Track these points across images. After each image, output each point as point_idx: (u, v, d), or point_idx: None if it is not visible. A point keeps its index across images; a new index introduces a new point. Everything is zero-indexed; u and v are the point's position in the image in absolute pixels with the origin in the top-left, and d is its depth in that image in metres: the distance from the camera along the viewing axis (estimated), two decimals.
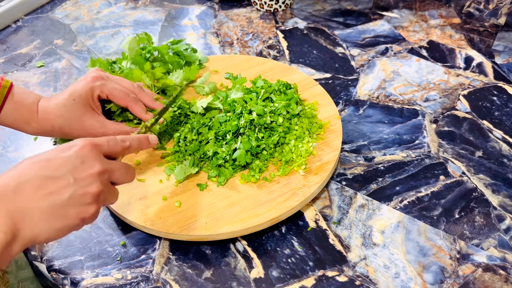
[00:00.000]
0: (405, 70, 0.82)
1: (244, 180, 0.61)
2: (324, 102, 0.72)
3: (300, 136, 0.65)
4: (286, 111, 0.66)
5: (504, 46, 0.86)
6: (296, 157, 0.63)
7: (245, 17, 0.97)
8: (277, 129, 0.64)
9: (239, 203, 0.59)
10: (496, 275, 0.54)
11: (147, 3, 1.04)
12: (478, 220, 0.59)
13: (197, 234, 0.56)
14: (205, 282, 0.55)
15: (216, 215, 0.58)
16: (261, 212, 0.58)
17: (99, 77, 0.62)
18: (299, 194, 0.59)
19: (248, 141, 0.62)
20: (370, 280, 0.54)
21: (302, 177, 0.61)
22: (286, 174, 0.62)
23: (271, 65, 0.80)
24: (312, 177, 0.61)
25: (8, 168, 0.69)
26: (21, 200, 0.40)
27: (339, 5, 0.99)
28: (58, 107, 0.59)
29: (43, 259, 0.58)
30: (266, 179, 0.61)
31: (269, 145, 0.63)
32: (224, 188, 0.61)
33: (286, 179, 0.61)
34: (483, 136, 0.70)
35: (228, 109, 0.68)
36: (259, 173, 0.62)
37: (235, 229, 0.56)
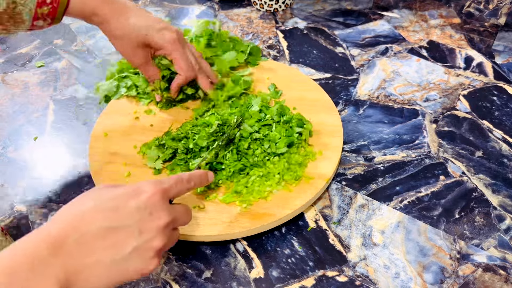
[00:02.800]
0: (405, 70, 0.82)
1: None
2: (329, 155, 0.64)
3: (267, 176, 0.60)
4: (269, 146, 0.62)
5: (504, 46, 0.86)
6: (245, 192, 0.59)
7: (245, 17, 0.97)
8: (249, 158, 0.60)
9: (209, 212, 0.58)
10: (496, 275, 0.54)
11: (147, 3, 1.04)
12: (478, 220, 0.59)
13: None
14: (205, 282, 0.55)
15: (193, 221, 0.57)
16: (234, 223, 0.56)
17: (176, 42, 0.66)
18: (219, 227, 0.56)
19: (213, 155, 0.60)
20: (370, 280, 0.54)
21: (237, 214, 0.57)
22: (227, 203, 0.58)
23: (317, 97, 0.74)
24: (244, 220, 0.56)
25: (8, 168, 0.69)
26: (83, 253, 0.36)
27: (339, 5, 0.99)
28: (129, 23, 0.63)
29: None
30: (207, 197, 0.59)
31: (230, 168, 0.60)
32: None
33: (223, 207, 0.58)
34: (483, 136, 0.70)
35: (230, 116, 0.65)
36: (204, 187, 0.59)
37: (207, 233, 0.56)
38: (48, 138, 0.74)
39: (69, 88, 0.83)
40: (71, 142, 0.73)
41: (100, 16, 0.62)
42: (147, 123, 0.71)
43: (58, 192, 0.66)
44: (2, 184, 0.67)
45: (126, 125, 0.71)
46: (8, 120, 0.77)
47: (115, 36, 0.64)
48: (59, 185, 0.66)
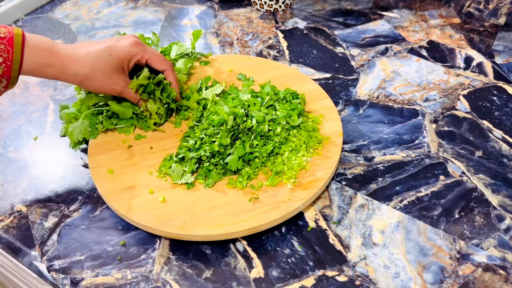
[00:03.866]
0: (405, 70, 0.82)
1: (231, 185, 0.61)
2: (330, 117, 0.70)
3: (296, 148, 0.64)
4: (286, 121, 0.65)
5: (504, 46, 0.86)
6: (287, 169, 0.62)
7: (245, 17, 0.97)
8: (273, 138, 0.63)
9: (221, 208, 0.59)
10: (496, 275, 0.54)
11: (147, 3, 1.04)
12: (478, 220, 0.59)
13: (172, 232, 0.56)
14: (205, 282, 0.55)
15: (196, 216, 0.58)
16: (240, 220, 0.57)
17: (139, 43, 0.66)
18: (282, 207, 0.58)
19: (242, 147, 0.61)
20: (370, 280, 0.54)
21: (289, 191, 0.60)
22: (274, 185, 0.61)
23: (287, 72, 0.78)
24: (299, 192, 0.60)
25: (8, 168, 0.69)
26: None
27: (339, 5, 0.99)
28: (89, 57, 0.61)
29: (43, 259, 0.58)
30: (253, 187, 0.61)
31: (262, 154, 0.62)
32: (210, 190, 0.61)
33: (273, 190, 0.60)
34: (483, 136, 0.70)
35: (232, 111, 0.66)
36: (247, 180, 0.61)
37: (210, 233, 0.56)
38: (48, 138, 0.74)
39: (69, 88, 0.83)
40: None
41: (56, 65, 0.60)
42: (145, 148, 0.67)
43: (58, 192, 0.66)
44: (2, 184, 0.67)
45: (124, 158, 0.66)
46: (8, 120, 0.77)
47: (83, 77, 0.62)
48: (59, 185, 0.66)
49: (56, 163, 0.70)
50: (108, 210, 0.63)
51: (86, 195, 0.65)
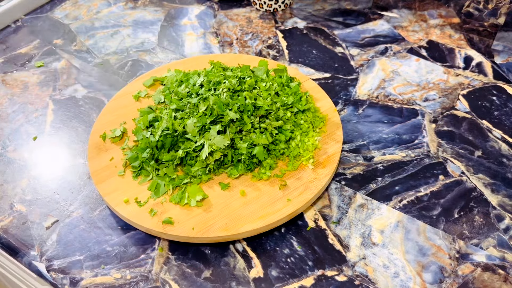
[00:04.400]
0: (405, 70, 0.82)
1: (255, 179, 0.62)
2: (319, 96, 0.73)
3: (306, 131, 0.66)
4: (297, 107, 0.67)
5: (504, 46, 0.86)
6: (303, 151, 0.64)
7: (244, 17, 0.97)
8: (286, 125, 0.65)
9: (255, 201, 0.59)
10: (495, 275, 0.54)
11: (146, 3, 1.04)
12: (478, 220, 0.59)
13: (218, 235, 0.56)
14: (204, 281, 0.55)
15: (235, 214, 0.58)
16: (279, 208, 0.58)
17: None
18: (312, 187, 0.60)
19: (265, 137, 0.62)
20: (369, 279, 0.54)
21: (311, 171, 0.62)
22: (296, 169, 0.63)
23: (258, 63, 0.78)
24: (321, 170, 0.62)
25: (8, 167, 0.69)
26: None
27: (339, 5, 0.99)
28: None
29: (42, 259, 0.58)
30: (277, 175, 0.62)
31: (281, 140, 0.64)
32: (240, 187, 0.61)
33: (296, 174, 0.62)
34: (483, 135, 0.70)
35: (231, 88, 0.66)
36: (270, 170, 0.62)
37: (256, 227, 0.56)
38: (48, 138, 0.74)
39: (69, 88, 0.83)
40: (71, 142, 0.73)
41: None
42: None
43: (57, 192, 0.66)
44: (1, 183, 0.67)
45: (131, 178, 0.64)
46: (8, 120, 0.77)
47: None
48: (58, 185, 0.66)
49: (55, 163, 0.70)
50: (107, 210, 0.63)
51: (85, 195, 0.65)
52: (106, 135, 0.68)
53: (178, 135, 0.62)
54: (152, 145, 0.62)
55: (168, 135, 0.62)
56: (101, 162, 0.65)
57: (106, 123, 0.71)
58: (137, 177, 0.63)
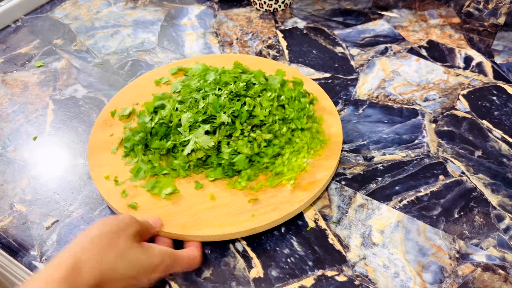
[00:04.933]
0: (405, 70, 0.82)
1: (230, 186, 0.60)
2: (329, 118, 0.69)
3: (298, 150, 0.63)
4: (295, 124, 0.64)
5: (504, 46, 0.86)
6: (287, 170, 0.61)
7: (244, 17, 0.97)
8: (278, 139, 0.62)
9: (221, 208, 0.58)
10: (496, 275, 0.54)
11: (146, 3, 1.04)
12: (478, 220, 0.59)
13: (174, 232, 0.56)
14: (204, 281, 0.55)
15: (197, 216, 0.57)
16: (240, 221, 0.56)
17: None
18: (282, 208, 0.57)
19: (250, 148, 0.60)
20: (369, 279, 0.54)
21: (289, 192, 0.59)
22: (274, 187, 0.60)
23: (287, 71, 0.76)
24: (300, 193, 0.59)
25: (8, 167, 0.69)
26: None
27: (339, 5, 0.99)
28: None
29: (42, 258, 0.58)
30: (252, 188, 0.60)
31: (267, 154, 0.61)
32: (211, 190, 0.60)
33: (272, 191, 0.59)
34: (483, 135, 0.70)
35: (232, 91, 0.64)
36: (246, 181, 0.60)
37: (210, 234, 0.55)
38: (48, 138, 0.74)
39: (69, 88, 0.83)
40: (71, 142, 0.73)
41: None
42: None
43: (57, 192, 0.66)
44: (1, 183, 0.67)
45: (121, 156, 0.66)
46: (8, 120, 0.77)
47: None
48: (58, 185, 0.66)
49: (55, 163, 0.70)
50: (108, 210, 0.63)
51: (85, 195, 0.65)
52: (116, 112, 0.71)
53: (172, 126, 0.63)
54: (146, 130, 0.64)
55: (164, 124, 0.64)
56: (102, 136, 0.68)
57: (121, 102, 0.73)
58: (126, 158, 0.65)
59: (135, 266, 0.46)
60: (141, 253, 0.48)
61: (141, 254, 0.48)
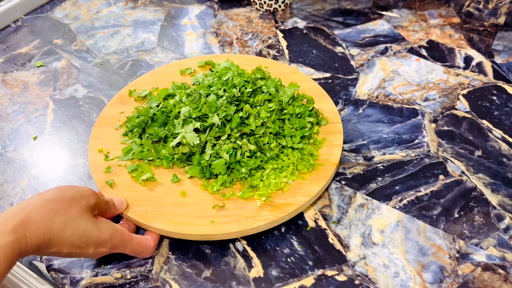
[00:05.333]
0: (405, 70, 0.82)
1: (203, 187, 0.60)
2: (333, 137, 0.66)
3: (281, 168, 0.61)
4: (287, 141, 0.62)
5: (504, 46, 0.86)
6: (262, 186, 0.59)
7: (244, 17, 0.97)
8: (264, 153, 0.61)
9: (186, 207, 0.58)
10: (496, 274, 0.54)
11: (146, 3, 1.04)
12: (478, 220, 0.59)
13: (133, 217, 0.57)
14: (204, 281, 0.55)
15: (159, 208, 0.58)
16: (198, 224, 0.56)
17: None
18: (242, 222, 0.56)
19: (231, 155, 0.59)
20: (369, 279, 0.54)
21: (256, 208, 0.57)
22: (245, 199, 0.58)
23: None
24: (266, 212, 0.57)
25: (8, 167, 0.69)
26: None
27: (339, 5, 0.99)
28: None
29: (42, 258, 0.58)
30: (224, 195, 0.59)
31: (247, 165, 0.59)
32: (183, 186, 0.61)
33: (241, 203, 0.58)
34: (483, 135, 0.70)
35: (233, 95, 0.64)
36: (220, 186, 0.59)
37: (164, 228, 0.56)
38: (48, 137, 0.74)
39: (69, 88, 0.83)
40: (71, 142, 0.73)
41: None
42: None
43: None
44: (1, 183, 0.67)
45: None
46: (8, 120, 0.77)
47: None
48: (58, 185, 0.66)
49: (55, 163, 0.70)
50: None
51: None
52: (135, 91, 0.74)
53: (171, 117, 0.65)
54: (148, 115, 0.67)
55: (164, 113, 0.66)
56: (114, 111, 0.71)
57: (143, 83, 0.76)
58: (124, 137, 0.67)
59: (82, 235, 0.48)
60: (91, 225, 0.49)
61: (91, 226, 0.49)
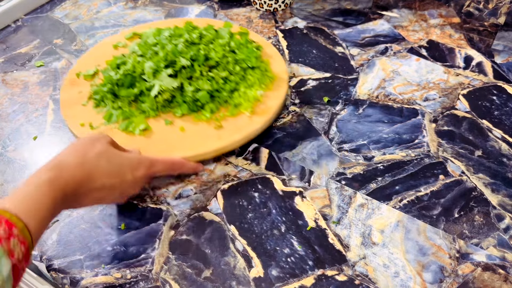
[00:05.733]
0: (405, 70, 0.82)
1: (197, 119, 0.70)
2: (276, 60, 0.80)
3: (251, 84, 0.73)
4: (246, 64, 0.75)
5: (504, 46, 0.86)
6: (244, 101, 0.71)
7: (244, 17, 0.97)
8: (233, 77, 0.72)
9: (191, 137, 0.67)
10: (496, 274, 0.54)
11: (146, 3, 1.04)
12: (478, 220, 0.59)
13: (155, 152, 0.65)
14: (204, 281, 0.55)
15: (171, 144, 0.66)
16: (209, 144, 0.66)
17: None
18: (243, 130, 0.68)
19: (211, 85, 0.70)
20: (369, 279, 0.54)
21: (247, 118, 0.70)
22: (234, 116, 0.70)
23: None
24: (257, 118, 0.70)
25: (8, 167, 0.69)
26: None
27: (339, 5, 0.99)
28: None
29: (42, 258, 0.58)
30: (216, 119, 0.70)
31: (225, 89, 0.71)
32: (181, 123, 0.69)
33: (234, 120, 0.70)
34: (483, 135, 0.70)
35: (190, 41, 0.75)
36: (210, 113, 0.70)
37: (186, 155, 0.64)
38: (48, 137, 0.74)
39: None
40: (71, 141, 0.73)
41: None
42: None
43: None
44: (1, 183, 0.67)
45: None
46: (8, 120, 0.77)
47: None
48: None
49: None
50: (108, 209, 0.63)
51: None
52: (80, 73, 0.79)
53: (136, 76, 0.71)
54: (113, 81, 0.72)
55: (128, 75, 0.71)
56: (71, 93, 0.76)
57: (84, 65, 0.81)
58: (97, 108, 0.72)
59: (115, 163, 0.53)
60: (119, 154, 0.55)
61: (119, 155, 0.55)
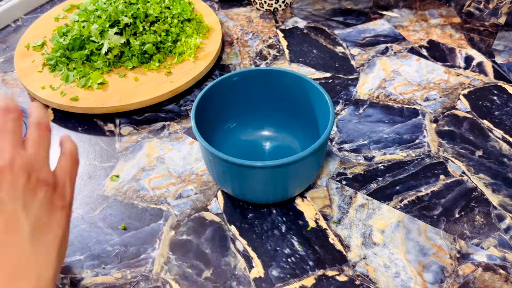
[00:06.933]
0: (405, 70, 0.82)
1: (147, 69, 0.78)
2: (207, 13, 0.91)
3: (190, 34, 0.83)
4: (183, 16, 0.84)
5: (504, 46, 0.86)
6: (187, 49, 0.81)
7: (244, 17, 0.97)
8: (173, 29, 0.81)
9: (145, 84, 0.75)
10: (496, 275, 0.54)
11: None
12: (478, 220, 0.59)
13: (113, 105, 0.72)
14: (204, 281, 0.55)
15: (128, 93, 0.74)
16: (163, 88, 0.74)
17: None
18: (191, 73, 0.77)
19: (154, 37, 0.79)
20: (370, 279, 0.54)
21: (192, 63, 0.79)
22: (180, 62, 0.79)
23: None
24: (200, 62, 0.79)
25: None
26: None
27: (339, 5, 0.99)
28: None
29: None
30: (165, 67, 0.78)
31: (168, 41, 0.80)
32: (133, 74, 0.77)
33: (180, 66, 0.79)
34: (483, 135, 0.70)
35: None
36: (159, 63, 0.79)
37: (142, 99, 0.72)
38: None
39: None
40: None
41: None
42: None
43: None
44: None
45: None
46: None
47: None
48: None
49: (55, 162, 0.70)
50: (108, 209, 0.63)
51: (85, 195, 0.65)
52: (29, 45, 0.85)
53: (84, 39, 0.78)
54: (64, 47, 0.79)
55: (77, 39, 0.78)
56: (25, 63, 0.82)
57: (30, 38, 0.87)
58: (53, 72, 0.79)
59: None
60: None
61: None
